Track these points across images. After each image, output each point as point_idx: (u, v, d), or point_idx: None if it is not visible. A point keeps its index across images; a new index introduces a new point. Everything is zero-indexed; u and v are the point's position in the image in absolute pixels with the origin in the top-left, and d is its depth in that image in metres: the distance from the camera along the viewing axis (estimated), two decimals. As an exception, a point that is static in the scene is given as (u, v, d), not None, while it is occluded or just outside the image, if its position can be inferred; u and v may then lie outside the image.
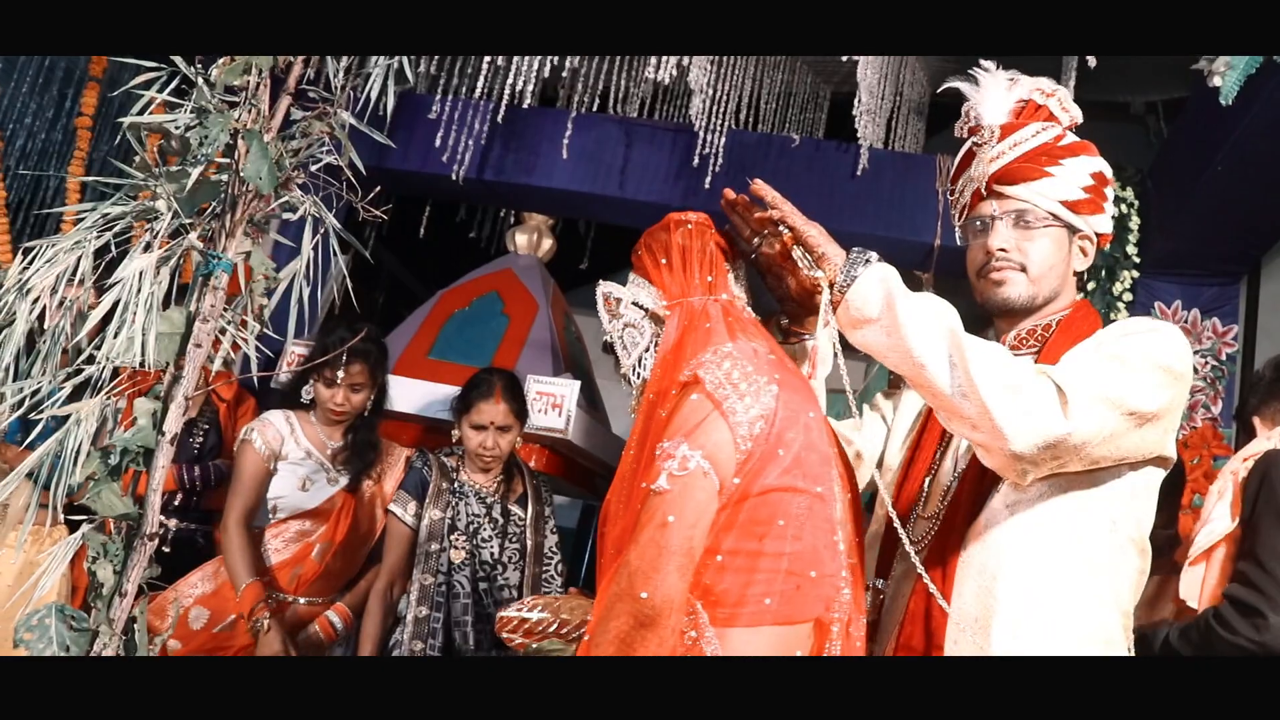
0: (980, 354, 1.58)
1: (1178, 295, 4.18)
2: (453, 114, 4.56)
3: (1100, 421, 1.54)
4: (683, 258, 1.87)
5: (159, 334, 1.75)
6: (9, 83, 5.21)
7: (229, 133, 1.82)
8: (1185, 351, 1.64)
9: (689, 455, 1.64)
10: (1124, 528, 1.66)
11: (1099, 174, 1.81)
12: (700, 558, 1.62)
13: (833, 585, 1.64)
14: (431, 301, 4.73)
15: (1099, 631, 1.63)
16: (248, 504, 2.98)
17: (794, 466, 1.66)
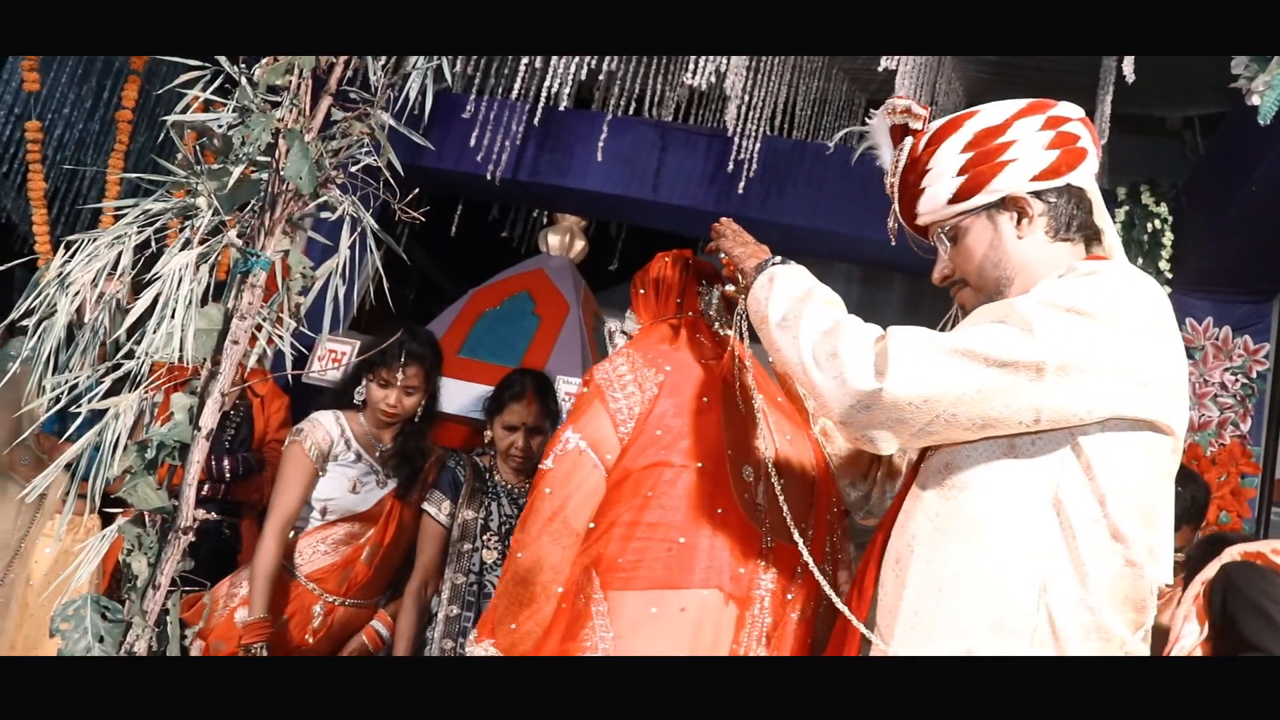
0: (811, 326, 1.58)
1: (1210, 312, 4.15)
2: (489, 114, 4.58)
3: (942, 377, 1.42)
4: (655, 287, 2.18)
5: (197, 330, 1.77)
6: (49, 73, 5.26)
7: (270, 132, 1.84)
8: (1114, 290, 1.45)
9: (570, 438, 1.98)
10: (1080, 507, 1.42)
11: (978, 134, 1.64)
12: (597, 530, 1.91)
13: (717, 555, 1.85)
14: (463, 300, 4.75)
15: (1022, 624, 1.41)
16: (290, 508, 2.93)
17: (671, 445, 1.92)
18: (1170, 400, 1.44)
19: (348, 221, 1.95)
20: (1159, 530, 1.45)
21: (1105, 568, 1.41)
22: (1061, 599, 1.41)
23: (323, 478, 3.02)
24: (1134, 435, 1.43)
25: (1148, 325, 1.43)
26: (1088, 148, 1.63)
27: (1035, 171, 1.60)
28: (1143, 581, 1.43)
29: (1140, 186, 4.37)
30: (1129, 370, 1.41)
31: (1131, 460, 1.43)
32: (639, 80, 4.54)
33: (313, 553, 3.00)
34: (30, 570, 3.23)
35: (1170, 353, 1.46)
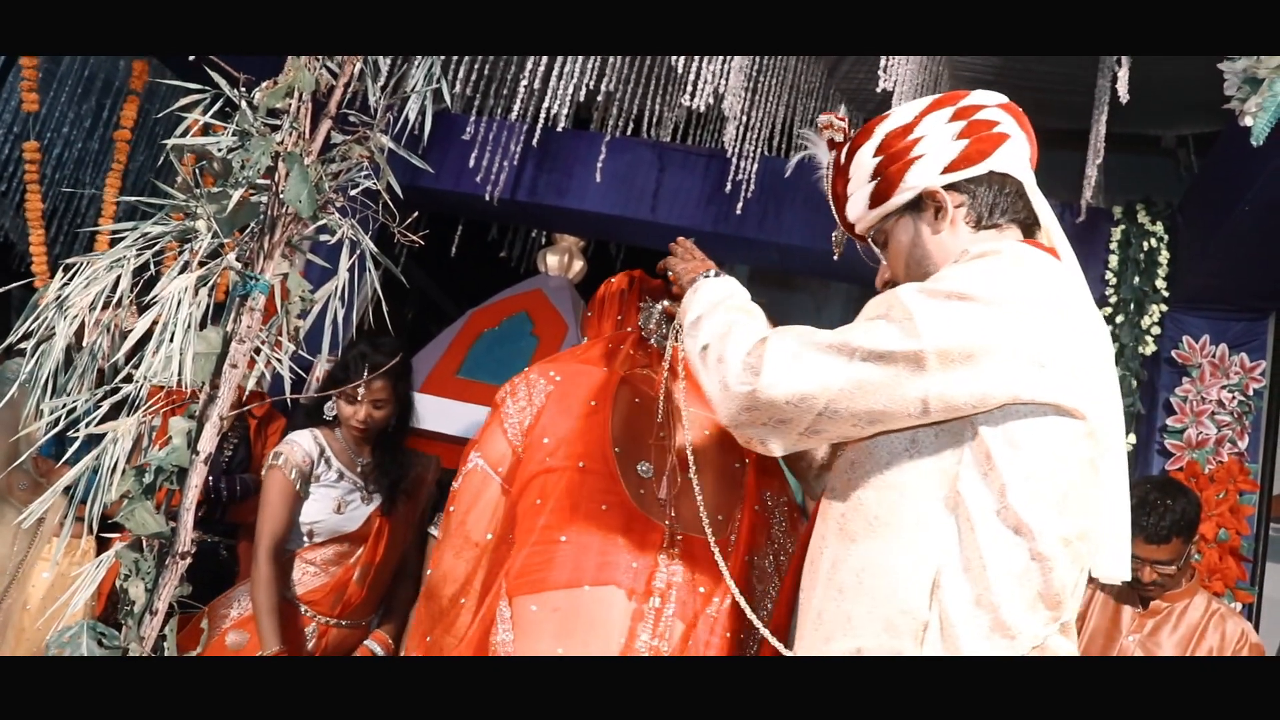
0: (709, 330, 1.57)
1: (1206, 330, 4.16)
2: (487, 135, 4.60)
3: (817, 374, 1.39)
4: (599, 307, 2.32)
5: (196, 354, 1.77)
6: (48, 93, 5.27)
7: (270, 155, 1.84)
8: (1002, 272, 1.39)
9: (472, 458, 2.12)
10: (978, 499, 1.35)
11: (888, 135, 1.62)
12: (509, 542, 2.00)
13: (603, 552, 1.92)
14: (461, 320, 4.76)
15: (911, 624, 1.35)
16: (277, 530, 2.91)
17: (555, 450, 2.01)
18: (1075, 382, 1.36)
19: (346, 244, 1.95)
20: (1076, 518, 1.36)
21: (1007, 562, 1.33)
22: (956, 597, 1.33)
23: (307, 500, 2.99)
24: (1038, 421, 1.35)
25: (1042, 306, 1.37)
26: (1010, 132, 1.58)
27: (946, 163, 1.56)
28: (1054, 575, 1.33)
29: (1136, 205, 4.38)
30: (1022, 353, 1.34)
31: (1037, 447, 1.35)
32: (637, 101, 4.55)
33: (302, 574, 2.97)
34: (27, 594, 3.22)
35: (1072, 333, 1.38)
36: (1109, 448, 1.43)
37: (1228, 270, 3.91)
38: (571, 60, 3.88)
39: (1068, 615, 1.37)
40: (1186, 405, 4.05)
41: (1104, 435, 1.40)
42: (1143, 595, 3.04)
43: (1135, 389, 4.16)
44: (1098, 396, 1.39)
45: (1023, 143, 1.61)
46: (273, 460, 2.98)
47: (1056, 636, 1.36)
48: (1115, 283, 4.30)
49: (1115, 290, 4.29)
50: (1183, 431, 4.02)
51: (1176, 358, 4.13)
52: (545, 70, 3.93)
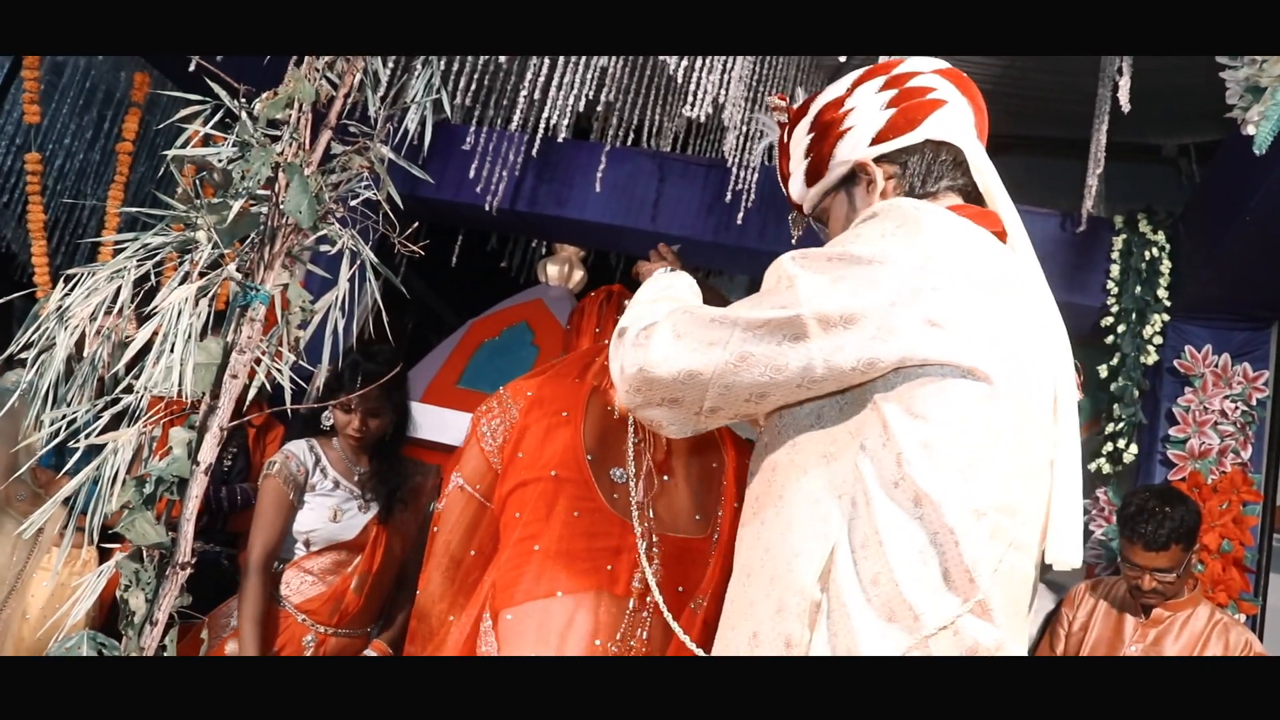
0: (625, 318, 1.52)
1: (1208, 339, 4.15)
2: (487, 145, 4.60)
3: (701, 349, 1.33)
4: (577, 321, 2.42)
5: (196, 364, 1.77)
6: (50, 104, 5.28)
7: (270, 166, 1.84)
8: (889, 229, 1.31)
9: (453, 478, 2.20)
10: (876, 472, 1.26)
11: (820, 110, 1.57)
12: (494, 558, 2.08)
13: (577, 557, 1.97)
14: (462, 330, 4.75)
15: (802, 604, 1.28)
16: (270, 541, 2.91)
17: (531, 463, 2.08)
18: (975, 340, 1.26)
19: (347, 255, 1.94)
20: (988, 488, 1.25)
21: (908, 537, 1.23)
22: (851, 577, 1.24)
23: (302, 509, 2.99)
24: (937, 384, 1.26)
25: (935, 263, 1.27)
26: (946, 98, 1.51)
27: (874, 133, 1.50)
28: (963, 549, 1.22)
29: (1137, 215, 4.38)
30: (909, 312, 1.25)
31: (936, 413, 1.25)
32: (637, 111, 4.56)
33: (300, 583, 2.96)
34: (26, 604, 3.21)
35: (978, 294, 1.29)
36: (1033, 418, 1.31)
37: (1230, 280, 3.91)
38: (571, 70, 3.89)
39: (983, 594, 1.23)
40: (1189, 415, 4.04)
41: (1026, 404, 1.30)
42: (1144, 603, 3.05)
43: (1137, 399, 4.15)
44: (1016, 362, 1.30)
45: (963, 108, 1.53)
46: (267, 470, 2.98)
47: (969, 618, 1.22)
48: (1117, 292, 4.29)
49: (1117, 300, 4.28)
50: (1185, 441, 4.01)
51: (1179, 367, 4.12)
52: (545, 80, 3.93)
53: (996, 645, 1.23)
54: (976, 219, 1.42)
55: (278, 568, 2.97)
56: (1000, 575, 1.25)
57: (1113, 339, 4.25)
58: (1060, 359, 1.38)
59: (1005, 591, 1.25)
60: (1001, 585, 1.25)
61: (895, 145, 1.49)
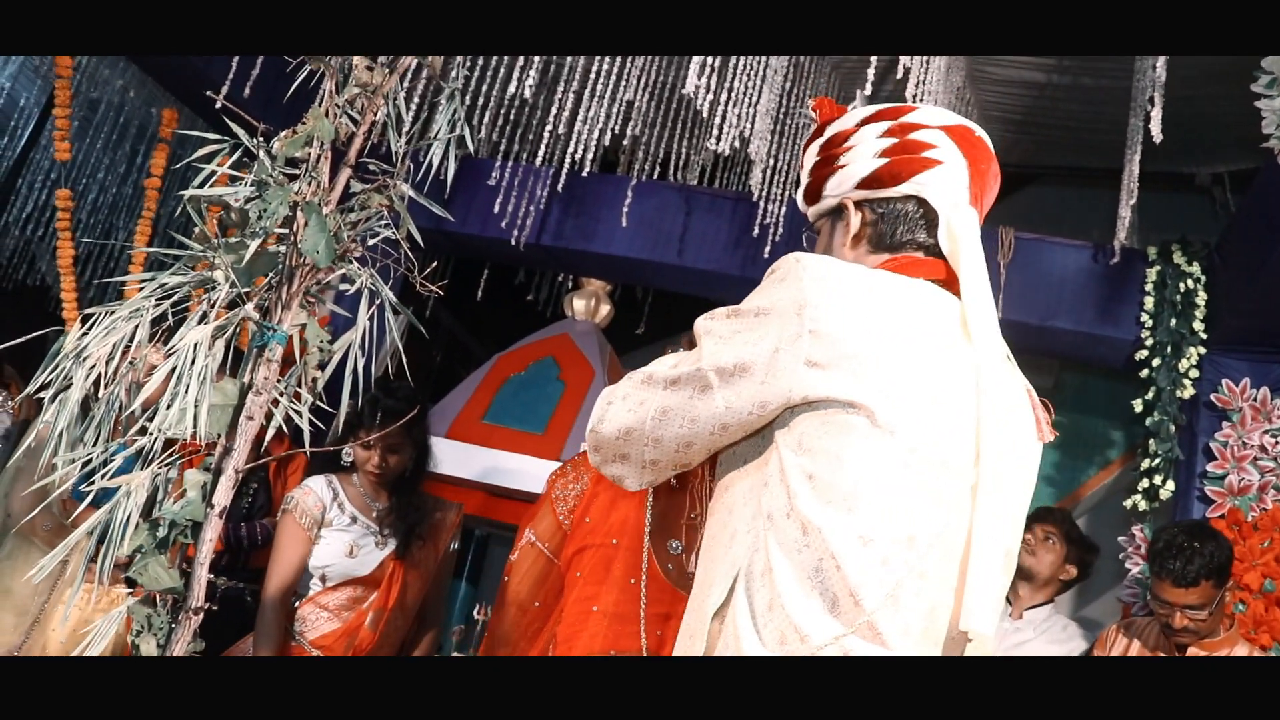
0: None
1: (1246, 372, 4.07)
2: (513, 180, 4.60)
3: (632, 408, 1.45)
4: None
5: (212, 406, 1.75)
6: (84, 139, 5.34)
7: (288, 205, 1.83)
8: (780, 278, 1.38)
9: (526, 533, 2.42)
10: (774, 506, 1.33)
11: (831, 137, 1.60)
12: (557, 612, 2.30)
13: (629, 621, 2.14)
14: (487, 365, 4.74)
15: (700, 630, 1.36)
16: (286, 576, 2.93)
17: (596, 529, 2.26)
18: (856, 375, 1.30)
19: (366, 293, 1.92)
20: (871, 516, 1.28)
21: (798, 565, 1.28)
22: (744, 604, 1.31)
23: (319, 544, 2.99)
24: (820, 419, 1.32)
25: (809, 307, 1.32)
26: (944, 158, 1.51)
27: (862, 177, 1.53)
28: (848, 573, 1.26)
29: (1171, 246, 4.32)
30: (791, 354, 1.32)
31: (820, 446, 1.31)
32: (663, 145, 4.54)
33: (316, 619, 2.97)
34: (47, 639, 3.20)
35: (851, 325, 1.33)
36: (934, 457, 1.32)
37: (1269, 311, 3.84)
38: (596, 104, 3.88)
39: (870, 616, 1.26)
40: (1227, 450, 3.95)
41: (922, 441, 1.32)
42: (1177, 643, 2.99)
43: (1174, 434, 4.07)
44: (912, 401, 1.32)
45: (960, 170, 1.53)
46: (285, 505, 3.01)
47: (855, 639, 1.26)
48: (1151, 325, 4.23)
49: (1151, 333, 4.21)
50: (1224, 478, 3.93)
51: (1216, 401, 4.05)
52: (570, 114, 3.92)
53: None
54: (913, 269, 1.47)
55: (295, 604, 2.96)
56: (898, 601, 1.28)
57: (1148, 372, 4.18)
58: (997, 412, 1.36)
59: (906, 618, 1.28)
60: (901, 611, 1.28)
61: (880, 194, 1.53)
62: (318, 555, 2.99)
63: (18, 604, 3.19)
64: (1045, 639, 3.42)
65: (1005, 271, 4.36)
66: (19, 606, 3.19)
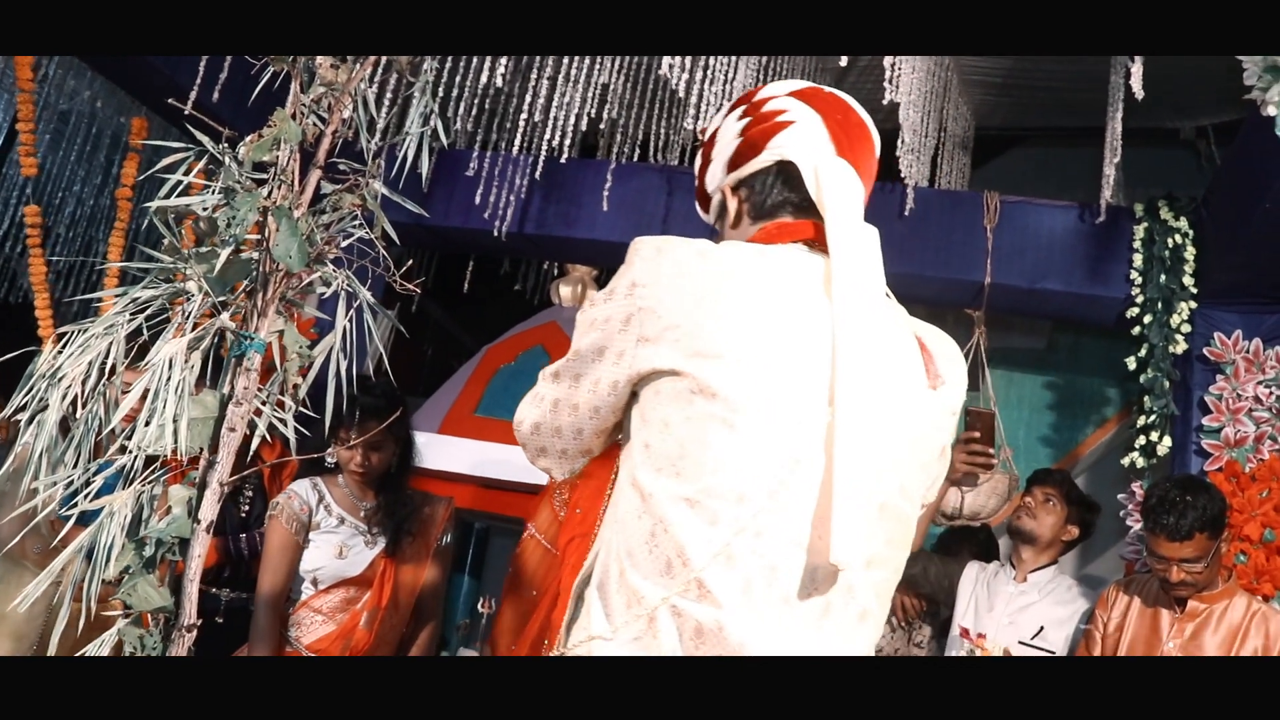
0: None
1: (1238, 325, 4.05)
2: (492, 169, 4.55)
3: (535, 403, 1.53)
4: None
5: (192, 419, 1.72)
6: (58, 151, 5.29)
7: (258, 211, 1.79)
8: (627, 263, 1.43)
9: (529, 527, 2.64)
10: (625, 479, 1.40)
11: (707, 140, 1.66)
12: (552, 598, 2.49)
13: None
14: (477, 358, 4.71)
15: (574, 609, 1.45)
16: (277, 582, 2.93)
17: (584, 519, 2.43)
18: (678, 344, 1.34)
19: (343, 296, 1.89)
20: (698, 478, 1.31)
21: (638, 532, 1.33)
22: (600, 572, 1.39)
23: (308, 548, 2.99)
24: (654, 390, 1.38)
25: (639, 287, 1.38)
26: (796, 118, 1.55)
27: (728, 161, 1.59)
28: (677, 534, 1.30)
29: (1158, 202, 4.29)
30: (627, 334, 1.39)
31: (653, 415, 1.37)
32: (641, 126, 4.50)
33: (310, 622, 2.97)
34: (47, 661, 3.18)
35: (674, 297, 1.36)
36: (759, 413, 1.33)
37: (1258, 263, 3.81)
38: (571, 89, 3.84)
39: (698, 575, 1.29)
40: (1222, 403, 3.94)
41: (748, 399, 1.33)
42: (1175, 596, 2.99)
43: (1168, 390, 4.06)
44: (742, 367, 1.33)
45: (815, 125, 1.55)
46: (271, 511, 3.00)
47: (686, 600, 1.28)
48: (1141, 282, 4.20)
49: (1141, 290, 4.19)
50: (1220, 430, 3.92)
51: (1209, 355, 4.03)
52: (545, 101, 3.88)
53: (718, 625, 1.27)
54: (780, 233, 1.51)
55: (288, 610, 2.96)
56: (732, 559, 1.29)
57: (1139, 329, 4.16)
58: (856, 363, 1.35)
59: (746, 575, 1.29)
60: (737, 569, 1.29)
61: (746, 171, 1.56)
62: (308, 559, 2.98)
63: (13, 629, 3.16)
64: (1050, 600, 3.41)
65: (992, 236, 4.34)
66: (15, 631, 3.16)
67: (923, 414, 1.45)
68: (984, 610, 3.44)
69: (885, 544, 1.38)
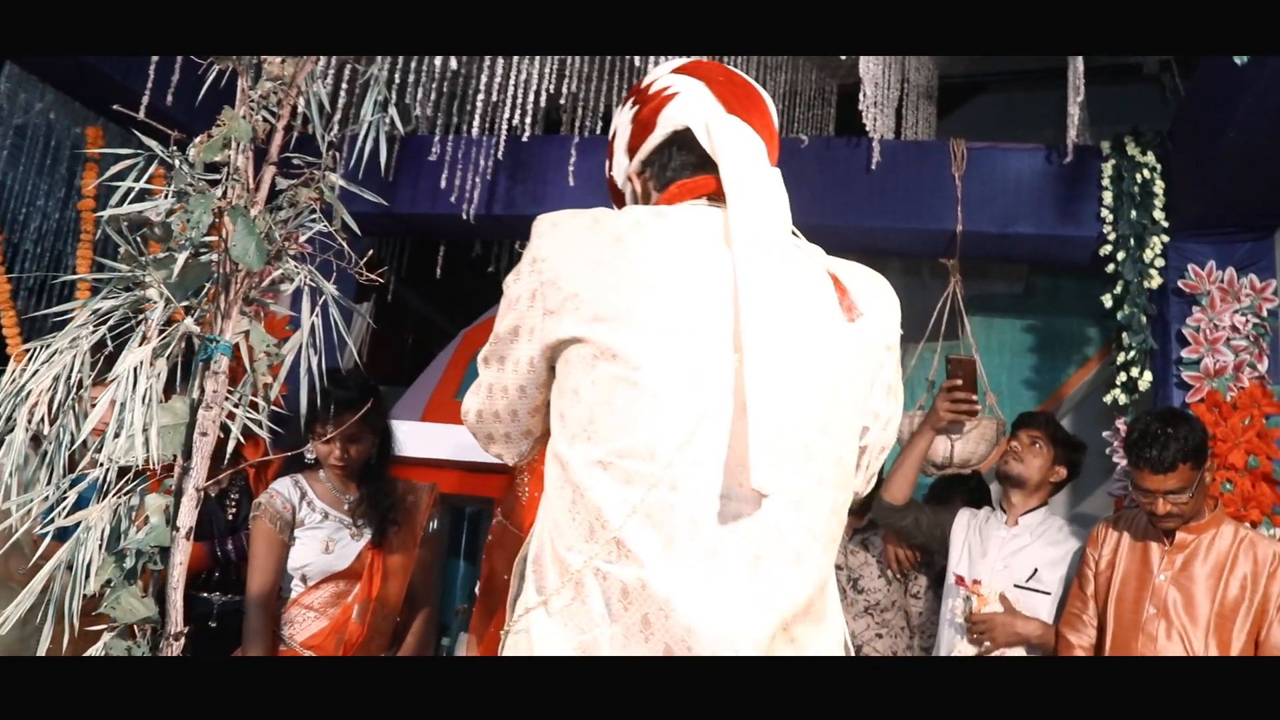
0: None
1: (1211, 255, 4.06)
2: (455, 152, 4.52)
3: (475, 391, 1.57)
4: None
5: (161, 427, 1.70)
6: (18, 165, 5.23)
7: (213, 212, 1.77)
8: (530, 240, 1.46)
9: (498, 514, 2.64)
10: (550, 451, 1.43)
11: (609, 142, 1.71)
12: None
13: None
14: (455, 342, 4.69)
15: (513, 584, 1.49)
16: (265, 581, 2.93)
17: None
18: (578, 311, 1.37)
19: (306, 292, 1.87)
20: (607, 440, 1.33)
21: (561, 500, 1.36)
22: (535, 546, 1.42)
23: (294, 546, 2.98)
24: (563, 361, 1.41)
25: (539, 262, 1.42)
26: (679, 89, 1.58)
27: (627, 147, 1.63)
28: (586, 498, 1.33)
29: (1124, 138, 4.29)
30: (534, 309, 1.42)
31: (565, 384, 1.40)
32: (603, 98, 4.47)
33: (303, 619, 2.97)
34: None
35: (571, 266, 1.39)
36: (660, 368, 1.34)
37: (1226, 193, 3.82)
38: (528, 66, 3.81)
39: (616, 535, 1.30)
40: (1200, 335, 3.95)
41: (648, 357, 1.34)
42: (1163, 528, 3.01)
43: (1146, 325, 4.07)
44: (641, 326, 1.35)
45: (698, 91, 1.58)
46: (254, 512, 3.00)
47: (604, 562, 1.30)
48: (1112, 219, 4.21)
49: (1113, 227, 4.19)
50: (1199, 362, 3.93)
51: (1184, 287, 4.04)
52: (503, 80, 3.85)
53: (641, 584, 1.28)
54: (680, 193, 1.52)
55: (280, 609, 2.97)
56: (651, 516, 1.30)
57: (1114, 267, 4.16)
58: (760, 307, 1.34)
59: (667, 531, 1.30)
60: (657, 525, 1.30)
61: (645, 150, 1.59)
62: (295, 556, 2.98)
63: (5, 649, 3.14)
64: (1042, 542, 3.43)
65: (961, 183, 4.33)
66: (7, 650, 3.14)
67: (838, 349, 1.43)
68: (978, 556, 3.46)
69: (816, 485, 1.38)
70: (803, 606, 1.33)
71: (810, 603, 1.34)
